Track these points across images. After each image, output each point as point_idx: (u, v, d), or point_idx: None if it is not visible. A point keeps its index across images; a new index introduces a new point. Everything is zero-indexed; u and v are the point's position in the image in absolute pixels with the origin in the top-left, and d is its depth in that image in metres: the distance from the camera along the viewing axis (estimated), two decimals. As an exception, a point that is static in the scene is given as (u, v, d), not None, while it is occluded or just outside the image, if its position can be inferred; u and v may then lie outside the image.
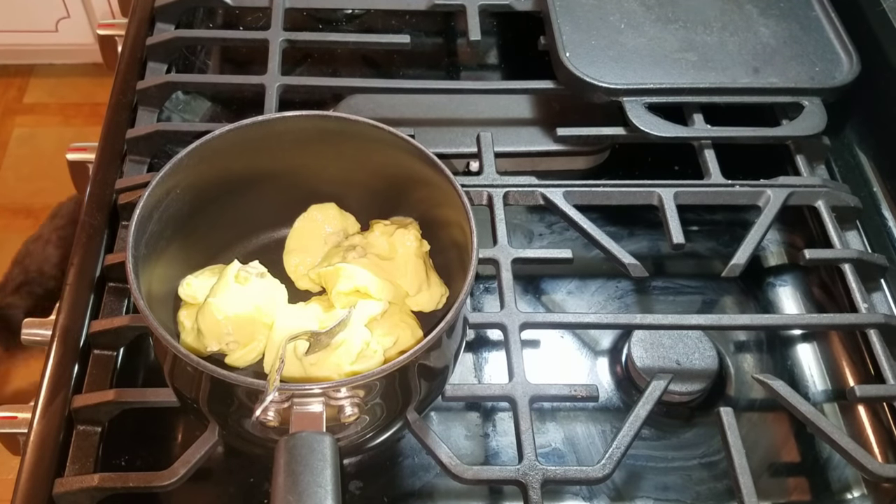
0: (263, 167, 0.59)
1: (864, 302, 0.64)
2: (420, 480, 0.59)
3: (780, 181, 0.70)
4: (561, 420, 0.63)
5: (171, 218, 0.55)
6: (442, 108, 0.78)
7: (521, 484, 0.54)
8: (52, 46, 2.01)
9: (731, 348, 0.67)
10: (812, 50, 0.76)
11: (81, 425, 0.57)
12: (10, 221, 1.84)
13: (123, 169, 0.71)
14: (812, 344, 0.68)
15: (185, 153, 0.54)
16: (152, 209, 0.53)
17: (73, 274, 0.63)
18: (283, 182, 0.61)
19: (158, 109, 0.76)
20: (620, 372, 0.65)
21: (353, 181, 0.62)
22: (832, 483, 0.61)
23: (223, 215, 0.60)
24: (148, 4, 0.82)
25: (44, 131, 2.00)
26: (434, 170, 0.55)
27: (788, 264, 0.73)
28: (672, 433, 0.63)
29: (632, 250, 0.66)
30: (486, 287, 0.69)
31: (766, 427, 0.64)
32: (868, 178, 0.75)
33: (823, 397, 0.65)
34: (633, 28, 0.77)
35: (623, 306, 0.69)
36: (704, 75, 0.74)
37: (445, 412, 0.62)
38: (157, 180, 0.53)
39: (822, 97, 0.73)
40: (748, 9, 0.80)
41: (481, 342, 0.66)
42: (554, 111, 0.78)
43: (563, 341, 0.67)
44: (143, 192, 0.52)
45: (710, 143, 0.73)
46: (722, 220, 0.75)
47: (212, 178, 0.57)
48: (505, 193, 0.68)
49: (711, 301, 0.70)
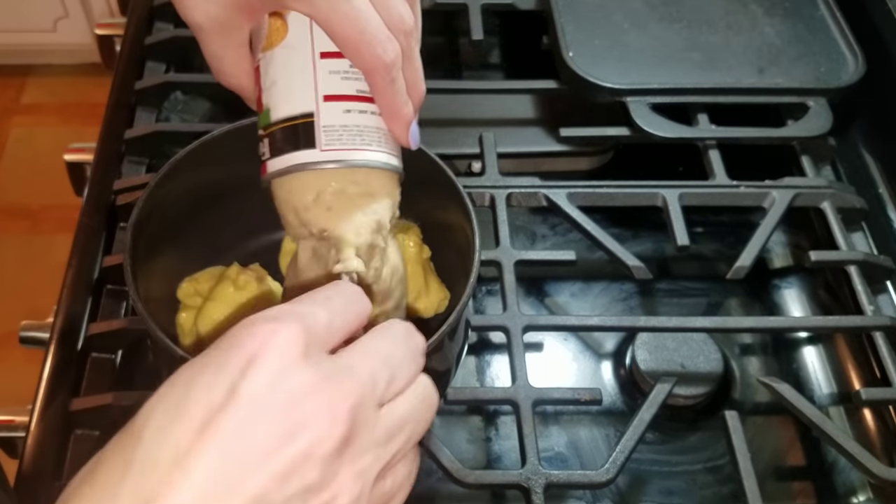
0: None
1: (870, 304, 0.64)
2: (422, 484, 0.58)
3: (786, 182, 0.70)
4: (564, 424, 0.62)
5: (170, 219, 0.55)
6: (444, 108, 0.78)
7: (524, 488, 0.54)
8: (50, 46, 2.01)
9: (736, 351, 0.66)
10: (817, 50, 0.76)
11: (80, 429, 0.57)
12: (8, 222, 1.83)
13: (122, 170, 0.70)
14: (817, 346, 0.67)
15: (184, 154, 0.54)
16: (151, 210, 0.52)
17: (70, 276, 0.63)
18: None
19: (157, 110, 0.75)
20: (624, 375, 0.64)
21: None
22: (838, 487, 0.61)
23: (223, 217, 0.59)
24: (146, 4, 0.82)
25: (42, 132, 1.99)
26: (436, 171, 0.55)
27: (794, 266, 0.72)
28: (676, 437, 0.62)
29: (636, 252, 0.65)
30: (489, 289, 0.68)
31: (772, 431, 0.63)
32: (874, 179, 0.74)
33: (829, 400, 0.65)
34: (637, 28, 0.77)
35: (627, 308, 0.69)
36: (709, 75, 0.74)
37: (447, 416, 0.62)
38: (155, 181, 0.52)
39: (828, 97, 0.73)
40: (753, 8, 0.79)
41: (484, 345, 0.66)
42: (557, 111, 0.78)
43: (566, 344, 0.66)
44: (142, 194, 0.51)
45: (714, 143, 0.72)
46: (727, 221, 0.74)
47: (211, 179, 0.56)
48: (507, 195, 0.68)
49: (716, 303, 0.70)
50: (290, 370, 0.32)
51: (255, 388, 0.31)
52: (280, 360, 0.32)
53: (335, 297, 0.36)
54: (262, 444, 0.30)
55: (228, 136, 0.55)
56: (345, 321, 0.36)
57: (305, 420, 0.31)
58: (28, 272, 1.73)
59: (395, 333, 0.37)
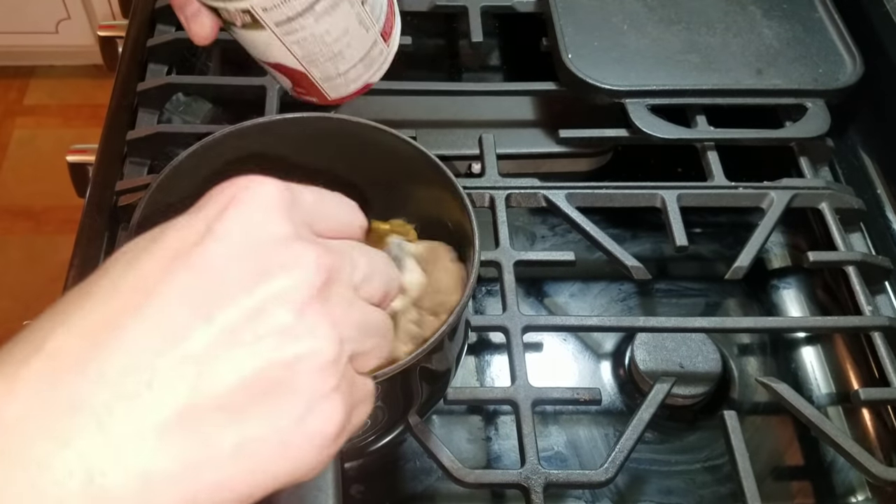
0: (264, 169, 0.59)
1: (869, 304, 0.64)
2: (422, 484, 0.59)
3: (784, 183, 0.70)
4: (563, 423, 0.62)
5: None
6: (444, 109, 0.78)
7: (524, 488, 0.54)
8: (53, 48, 2.01)
9: (735, 351, 0.67)
10: (815, 51, 0.76)
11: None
12: (10, 223, 1.83)
13: (124, 171, 0.71)
14: (816, 347, 0.68)
15: (186, 155, 0.54)
16: (153, 212, 0.52)
17: (73, 277, 0.63)
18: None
19: (159, 111, 0.76)
20: (623, 375, 0.64)
21: (354, 183, 0.61)
22: (836, 486, 0.61)
23: (224, 217, 0.59)
24: (149, 6, 0.82)
25: (44, 133, 1.99)
26: (436, 172, 0.55)
27: (792, 267, 0.73)
28: (675, 436, 0.62)
29: (635, 253, 0.65)
30: (489, 290, 0.69)
31: (770, 430, 0.63)
32: (872, 180, 0.74)
33: (827, 400, 0.65)
34: (636, 29, 0.77)
35: (626, 309, 0.69)
36: (707, 77, 0.74)
37: (447, 415, 0.62)
38: (157, 182, 0.52)
39: (826, 99, 0.73)
40: (751, 10, 0.79)
41: (483, 345, 0.66)
42: (556, 113, 0.78)
43: (565, 344, 0.67)
44: (144, 195, 0.52)
45: (713, 144, 0.72)
46: (725, 222, 0.75)
47: (213, 181, 0.57)
48: (507, 195, 0.68)
49: (715, 304, 0.70)
50: (270, 218, 0.30)
51: (231, 227, 0.29)
52: (261, 207, 0.30)
53: (328, 196, 0.35)
54: (235, 278, 0.28)
55: (230, 137, 0.55)
56: (333, 215, 0.34)
57: (282, 264, 0.29)
58: (30, 273, 1.74)
59: (381, 255, 0.36)
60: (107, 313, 0.27)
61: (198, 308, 0.28)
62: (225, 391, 0.27)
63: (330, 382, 0.29)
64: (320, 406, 0.29)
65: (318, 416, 0.29)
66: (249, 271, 0.28)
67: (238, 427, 0.27)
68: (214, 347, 0.27)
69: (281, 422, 0.28)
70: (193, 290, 0.28)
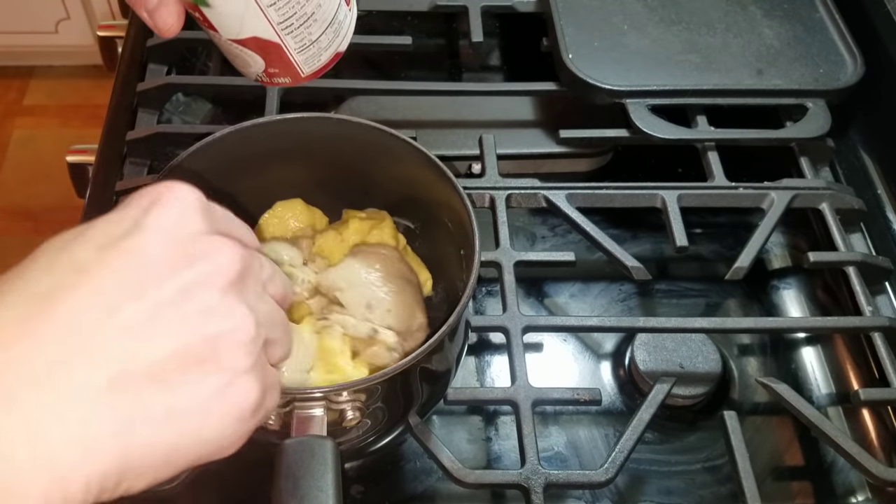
0: (264, 169, 0.59)
1: (869, 305, 0.64)
2: (422, 484, 0.59)
3: (784, 183, 0.70)
4: (564, 424, 0.62)
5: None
6: (444, 109, 0.78)
7: (524, 488, 0.54)
8: (52, 48, 2.01)
9: (735, 351, 0.67)
10: (816, 52, 0.76)
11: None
12: (9, 224, 1.83)
13: (123, 171, 0.71)
14: (816, 347, 0.68)
15: (186, 155, 0.54)
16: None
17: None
18: (285, 184, 0.61)
19: (159, 111, 0.76)
20: (623, 375, 0.64)
21: (354, 183, 0.62)
22: (836, 487, 0.61)
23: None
24: (148, 6, 0.82)
25: (43, 133, 1.99)
26: (436, 172, 0.55)
27: (792, 267, 0.73)
28: (675, 437, 0.62)
29: (635, 253, 0.66)
30: (489, 290, 0.69)
31: (770, 431, 0.63)
32: (872, 180, 0.74)
33: (827, 401, 0.65)
34: (636, 30, 0.77)
35: (626, 309, 0.69)
36: (708, 77, 0.74)
37: (447, 416, 0.62)
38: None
39: (827, 99, 0.73)
40: (752, 10, 0.79)
41: (483, 345, 0.66)
42: (556, 113, 0.78)
43: (565, 344, 0.67)
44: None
45: (713, 145, 0.72)
46: (725, 222, 0.75)
47: (213, 181, 0.57)
48: (507, 196, 0.68)
49: (715, 304, 0.70)
50: (192, 216, 0.33)
51: (158, 221, 0.32)
52: (184, 206, 0.33)
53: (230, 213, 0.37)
54: (164, 263, 0.31)
55: (230, 137, 0.55)
56: (236, 228, 0.37)
57: (204, 253, 0.33)
58: (30, 273, 1.73)
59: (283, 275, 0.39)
60: (43, 289, 0.29)
61: (130, 287, 0.30)
62: (155, 361, 0.30)
63: (248, 360, 0.33)
64: (239, 380, 0.32)
65: (237, 390, 0.32)
66: (176, 257, 0.32)
67: (167, 394, 0.30)
68: (146, 322, 0.30)
69: (205, 392, 0.31)
70: (126, 271, 0.31)
